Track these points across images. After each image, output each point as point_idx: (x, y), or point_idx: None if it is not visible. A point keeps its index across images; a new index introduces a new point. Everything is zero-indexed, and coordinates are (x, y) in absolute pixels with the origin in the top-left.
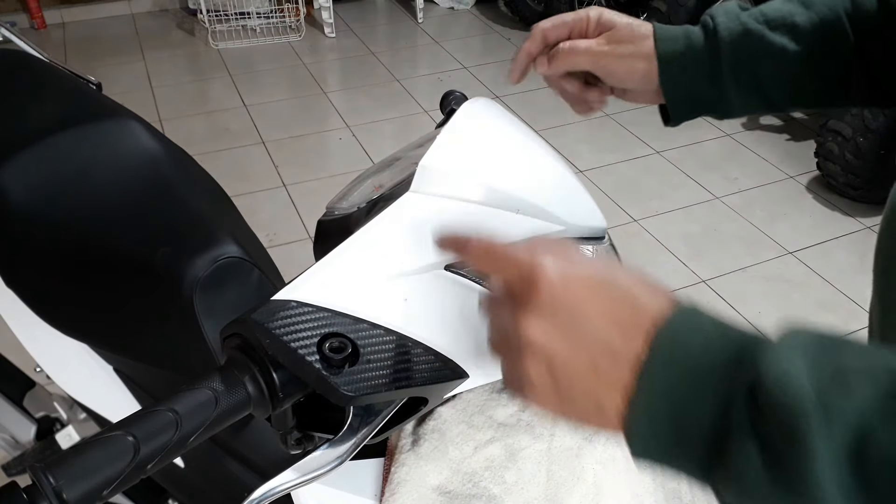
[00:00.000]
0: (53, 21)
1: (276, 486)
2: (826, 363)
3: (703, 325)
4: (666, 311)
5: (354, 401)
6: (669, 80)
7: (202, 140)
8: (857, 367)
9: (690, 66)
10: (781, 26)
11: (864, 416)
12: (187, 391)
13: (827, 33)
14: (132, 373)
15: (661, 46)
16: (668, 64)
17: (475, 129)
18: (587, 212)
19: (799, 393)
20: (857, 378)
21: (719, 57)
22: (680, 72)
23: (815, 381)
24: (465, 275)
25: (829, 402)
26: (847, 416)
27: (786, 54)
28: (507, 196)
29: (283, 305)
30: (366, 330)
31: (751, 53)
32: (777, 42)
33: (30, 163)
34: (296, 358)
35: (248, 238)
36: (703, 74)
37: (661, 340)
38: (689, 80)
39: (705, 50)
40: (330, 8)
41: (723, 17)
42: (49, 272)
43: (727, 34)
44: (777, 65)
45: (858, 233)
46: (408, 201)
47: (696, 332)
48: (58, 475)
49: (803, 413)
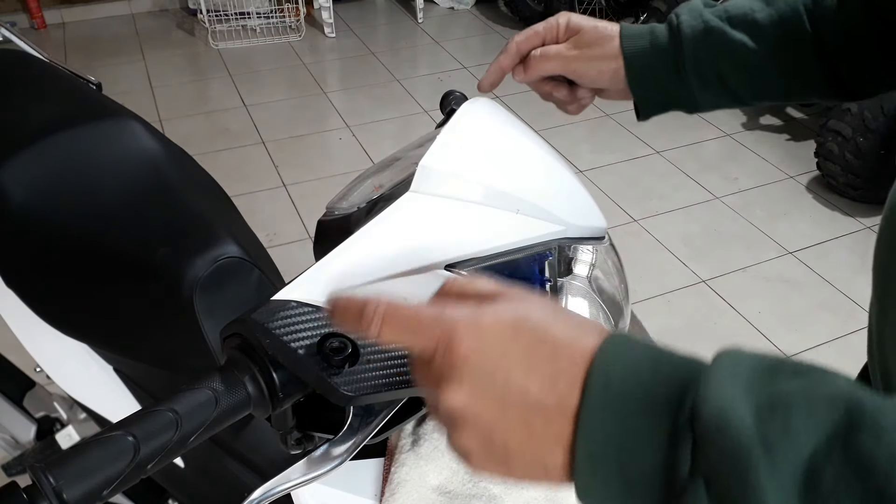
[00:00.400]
0: (53, 21)
1: (276, 486)
2: (764, 393)
3: (635, 361)
4: (593, 349)
5: (354, 401)
6: (635, 78)
7: (202, 140)
8: (795, 394)
9: (655, 62)
10: (742, 23)
11: (808, 448)
12: (187, 391)
13: (785, 29)
14: (132, 373)
15: (626, 45)
16: (634, 61)
17: (475, 129)
18: (587, 211)
19: (739, 430)
20: (797, 408)
21: (681, 53)
22: (645, 69)
23: (754, 415)
24: (465, 275)
25: (770, 437)
26: (790, 451)
27: (745, 50)
28: (507, 196)
29: (283, 305)
30: None
31: (711, 49)
32: (737, 38)
33: (30, 163)
34: (296, 358)
35: (248, 238)
36: (667, 70)
37: (592, 383)
38: (654, 77)
39: (669, 47)
40: (330, 8)
41: (686, 14)
42: (49, 272)
43: (689, 31)
44: (737, 60)
45: (858, 233)
46: (407, 201)
47: (629, 369)
48: (58, 475)
49: (746, 451)
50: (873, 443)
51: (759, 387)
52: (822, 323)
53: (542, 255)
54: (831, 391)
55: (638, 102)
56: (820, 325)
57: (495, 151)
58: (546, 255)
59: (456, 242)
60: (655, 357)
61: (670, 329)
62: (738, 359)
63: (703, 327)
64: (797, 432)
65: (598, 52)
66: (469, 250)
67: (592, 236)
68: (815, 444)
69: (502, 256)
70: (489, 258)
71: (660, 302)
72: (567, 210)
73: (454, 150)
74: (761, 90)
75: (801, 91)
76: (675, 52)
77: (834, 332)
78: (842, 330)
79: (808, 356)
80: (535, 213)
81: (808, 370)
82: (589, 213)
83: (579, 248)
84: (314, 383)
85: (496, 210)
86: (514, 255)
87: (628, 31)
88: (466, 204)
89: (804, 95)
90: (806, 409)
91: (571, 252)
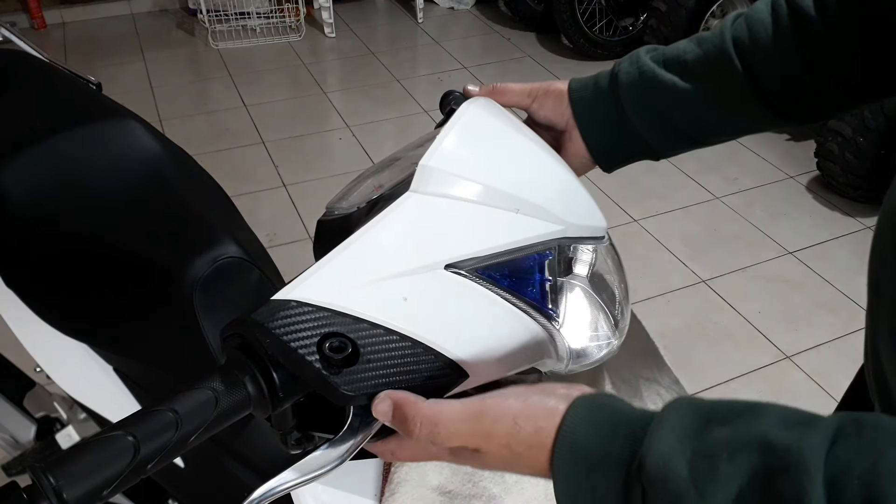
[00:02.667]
0: (53, 21)
1: (276, 486)
2: (698, 443)
3: (596, 423)
4: (547, 462)
5: (354, 400)
6: (585, 128)
7: (202, 140)
8: (720, 443)
9: (600, 111)
10: (674, 65)
11: (733, 489)
12: (187, 391)
13: (711, 66)
14: (132, 373)
15: (573, 96)
16: (581, 111)
17: (474, 128)
18: (587, 211)
19: (677, 478)
20: (721, 455)
21: (619, 99)
22: (593, 118)
23: (688, 464)
24: (465, 275)
25: (702, 483)
26: (718, 493)
27: (675, 89)
28: (507, 195)
29: (282, 305)
30: (366, 329)
31: (646, 92)
32: (667, 79)
33: (30, 163)
34: (296, 358)
35: (248, 238)
36: (611, 118)
37: (560, 447)
38: (601, 125)
39: (609, 94)
40: (330, 8)
41: (626, 62)
42: (49, 272)
43: (625, 77)
44: (671, 100)
45: (858, 233)
46: (407, 201)
47: (591, 429)
48: (58, 475)
49: (683, 496)
50: (782, 480)
51: (694, 437)
52: (822, 323)
53: (542, 255)
54: (751, 436)
55: (591, 152)
56: (820, 325)
57: (495, 151)
58: (546, 255)
59: (455, 242)
60: (614, 419)
61: (670, 329)
62: (679, 412)
63: (703, 327)
64: (724, 477)
65: (550, 100)
66: (468, 250)
67: (592, 236)
68: (738, 485)
69: (502, 256)
70: (488, 258)
71: (660, 302)
72: (567, 209)
73: (453, 149)
74: (707, 128)
75: (750, 124)
76: (615, 99)
77: (834, 332)
78: (842, 330)
79: (808, 356)
80: (535, 213)
81: (738, 414)
82: (589, 212)
83: (579, 247)
84: (314, 383)
85: (496, 209)
86: (514, 254)
87: (575, 84)
88: (466, 203)
89: (755, 128)
90: (729, 456)
91: (571, 252)
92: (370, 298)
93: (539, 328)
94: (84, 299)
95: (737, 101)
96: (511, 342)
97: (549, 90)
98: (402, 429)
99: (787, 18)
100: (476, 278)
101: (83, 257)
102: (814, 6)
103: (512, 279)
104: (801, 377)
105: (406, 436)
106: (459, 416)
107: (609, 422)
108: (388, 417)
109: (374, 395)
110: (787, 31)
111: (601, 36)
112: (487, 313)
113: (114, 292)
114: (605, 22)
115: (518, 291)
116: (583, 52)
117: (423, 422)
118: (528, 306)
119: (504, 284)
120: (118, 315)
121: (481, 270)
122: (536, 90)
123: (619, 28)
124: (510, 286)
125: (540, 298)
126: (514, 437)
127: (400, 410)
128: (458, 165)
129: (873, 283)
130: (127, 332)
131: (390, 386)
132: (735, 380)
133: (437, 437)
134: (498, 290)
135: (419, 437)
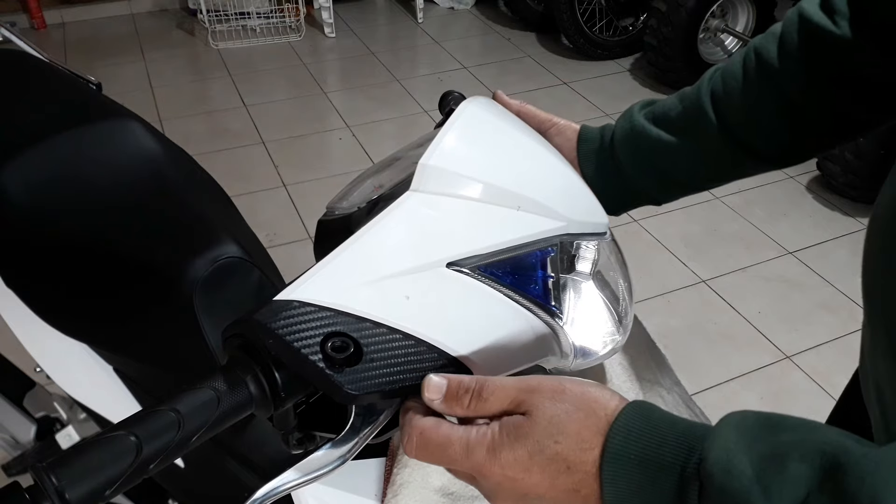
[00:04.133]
0: (53, 21)
1: (279, 486)
2: (764, 444)
3: (653, 423)
4: (597, 463)
5: (358, 399)
6: (589, 176)
7: (202, 140)
8: (790, 444)
9: (601, 163)
10: (661, 120)
11: (801, 491)
12: (189, 391)
13: (691, 121)
14: (132, 373)
15: (581, 148)
16: (587, 161)
17: (474, 126)
18: (588, 207)
19: (740, 477)
20: (792, 456)
21: (614, 153)
22: (595, 168)
23: (755, 464)
24: (467, 272)
25: (767, 482)
26: (785, 494)
27: (661, 142)
28: (507, 193)
29: (285, 306)
30: (369, 329)
31: (637, 145)
32: (654, 133)
33: (30, 163)
34: (299, 358)
35: (248, 238)
36: (610, 170)
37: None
38: (603, 176)
39: (608, 148)
40: (330, 8)
41: (622, 119)
42: (49, 272)
43: (619, 132)
44: (662, 154)
45: (858, 233)
46: (407, 200)
47: (647, 430)
48: (60, 475)
49: (745, 493)
50: (857, 485)
51: (760, 439)
52: (822, 323)
53: (544, 252)
54: (823, 440)
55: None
56: (820, 325)
57: (495, 149)
58: (548, 252)
59: (457, 240)
60: (670, 419)
61: (670, 329)
62: (743, 416)
63: (702, 327)
64: (792, 477)
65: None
66: (470, 248)
67: (594, 232)
68: (807, 487)
69: (504, 253)
70: (490, 255)
71: (660, 302)
72: (568, 206)
73: (453, 148)
74: (697, 177)
75: (738, 171)
76: (612, 153)
77: (834, 332)
78: (842, 330)
79: (808, 356)
80: (536, 210)
81: (804, 424)
82: (590, 208)
83: (582, 244)
84: (318, 382)
85: (497, 207)
86: (516, 251)
87: (584, 134)
88: (467, 201)
89: (744, 174)
90: (800, 457)
91: (574, 249)
92: (372, 298)
93: (543, 325)
94: (84, 299)
95: (716, 152)
96: (515, 339)
97: (562, 131)
98: (451, 404)
99: (754, 71)
100: (478, 276)
101: (83, 257)
102: (777, 58)
103: (514, 276)
104: (800, 377)
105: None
106: (508, 382)
107: (667, 420)
108: (442, 391)
109: (377, 393)
110: (755, 83)
111: (601, 36)
112: (490, 310)
113: (114, 292)
114: (605, 22)
115: (521, 288)
116: (583, 52)
117: (473, 386)
118: (532, 303)
119: (507, 282)
120: (118, 315)
121: (483, 268)
122: (552, 125)
123: (619, 28)
124: (513, 283)
125: (543, 295)
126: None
127: (455, 385)
128: (458, 164)
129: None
130: (127, 332)
131: (394, 384)
132: (735, 380)
133: (482, 396)
134: (501, 288)
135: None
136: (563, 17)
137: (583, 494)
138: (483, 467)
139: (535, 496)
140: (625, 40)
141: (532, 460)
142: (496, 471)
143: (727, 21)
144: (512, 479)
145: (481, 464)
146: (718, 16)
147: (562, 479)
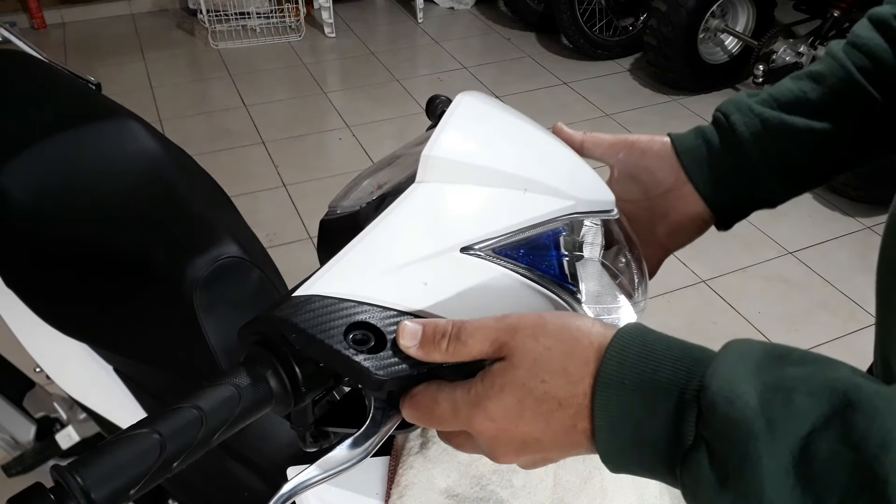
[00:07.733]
0: (53, 21)
1: (303, 482)
2: (770, 375)
3: (649, 344)
4: (588, 391)
5: (387, 384)
6: (704, 186)
7: (202, 140)
8: (799, 377)
9: (720, 167)
10: (797, 107)
11: (806, 425)
12: (210, 387)
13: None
14: (132, 373)
15: (684, 157)
16: (698, 169)
17: (472, 116)
18: (594, 185)
19: (743, 408)
20: (800, 389)
21: (744, 152)
22: (711, 175)
23: (759, 393)
24: (481, 255)
25: (772, 413)
26: (789, 426)
27: (811, 132)
28: (513, 176)
29: (305, 300)
30: (391, 317)
31: (775, 140)
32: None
33: (30, 163)
34: (325, 348)
35: (248, 238)
36: (732, 173)
37: (606, 370)
38: (722, 181)
39: (727, 149)
40: (330, 8)
41: (735, 112)
42: (49, 272)
43: (745, 129)
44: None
45: (858, 233)
46: (415, 191)
47: (643, 353)
48: (85, 475)
49: (748, 423)
50: (867, 423)
51: (766, 369)
52: (822, 323)
53: (556, 231)
54: (833, 376)
55: (713, 209)
56: (820, 325)
57: (495, 135)
58: (560, 231)
59: (467, 225)
60: (667, 341)
61: (670, 329)
62: (748, 345)
63: (702, 327)
64: (798, 410)
65: (651, 158)
66: (481, 232)
67: (602, 209)
68: (813, 421)
69: (515, 235)
70: (502, 238)
71: (660, 301)
72: (574, 184)
73: (454, 137)
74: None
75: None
76: (734, 153)
77: (834, 332)
78: (842, 330)
79: None
80: (543, 191)
81: (814, 359)
82: (595, 186)
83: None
84: (346, 370)
85: (504, 190)
86: (527, 232)
87: (680, 143)
88: (473, 188)
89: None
90: (807, 391)
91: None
92: (391, 286)
93: (561, 303)
94: (84, 299)
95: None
96: None
97: (648, 148)
98: (428, 348)
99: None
100: (493, 259)
101: (83, 257)
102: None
103: (530, 257)
104: None
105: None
106: (486, 321)
107: (664, 341)
108: (417, 337)
109: (405, 377)
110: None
111: (601, 36)
112: (508, 292)
113: (114, 292)
114: (605, 22)
115: (536, 268)
116: (583, 52)
117: (449, 330)
118: (548, 282)
119: (523, 263)
120: (118, 315)
121: (497, 251)
122: (628, 145)
123: (619, 28)
124: (528, 263)
125: (559, 274)
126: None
127: (429, 329)
128: (460, 152)
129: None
130: (127, 332)
131: (419, 367)
132: None
133: (462, 337)
134: (516, 268)
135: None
136: (563, 17)
137: (579, 429)
138: (473, 423)
139: (534, 440)
140: (625, 40)
141: (522, 405)
142: (487, 425)
143: (727, 21)
144: (505, 430)
145: (471, 420)
146: (718, 16)
147: (556, 417)
